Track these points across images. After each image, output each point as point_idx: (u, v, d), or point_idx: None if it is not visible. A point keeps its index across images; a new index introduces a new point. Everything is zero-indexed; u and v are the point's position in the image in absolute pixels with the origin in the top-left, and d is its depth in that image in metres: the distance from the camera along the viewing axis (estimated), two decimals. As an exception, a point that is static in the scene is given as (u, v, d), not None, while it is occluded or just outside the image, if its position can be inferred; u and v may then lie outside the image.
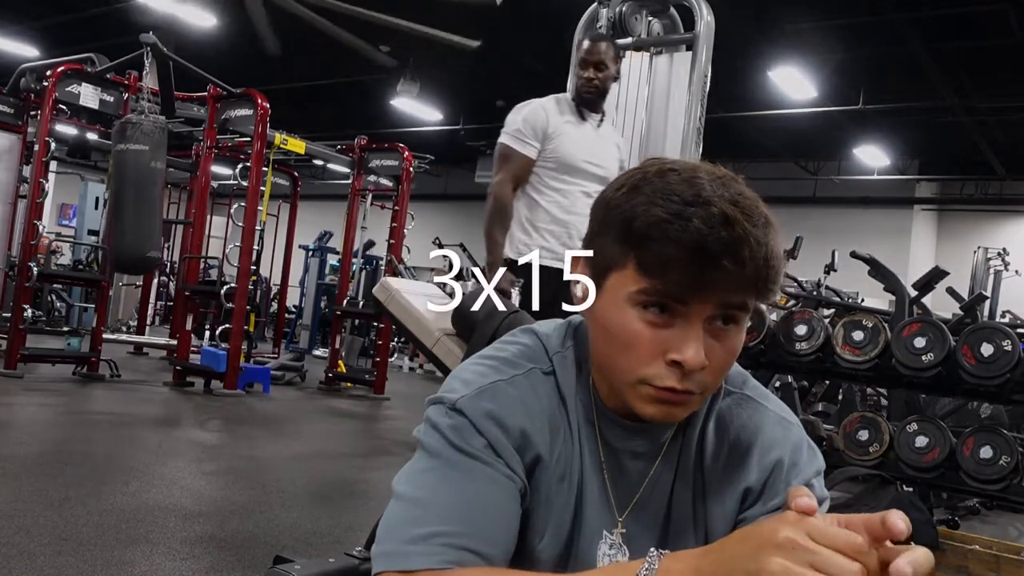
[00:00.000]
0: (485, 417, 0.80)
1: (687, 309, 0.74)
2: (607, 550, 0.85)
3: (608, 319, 0.78)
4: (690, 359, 0.74)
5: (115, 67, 7.43)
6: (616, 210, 0.77)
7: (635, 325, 0.76)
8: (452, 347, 3.82)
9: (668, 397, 0.77)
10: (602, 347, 0.81)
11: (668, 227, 0.72)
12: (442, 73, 11.03)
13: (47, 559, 2.65)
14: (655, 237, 0.72)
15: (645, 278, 0.74)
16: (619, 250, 0.76)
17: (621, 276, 0.76)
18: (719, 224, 0.71)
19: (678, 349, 0.74)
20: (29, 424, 5.21)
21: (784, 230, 0.78)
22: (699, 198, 0.72)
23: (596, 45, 3.10)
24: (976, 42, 9.05)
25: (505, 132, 3.07)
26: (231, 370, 7.05)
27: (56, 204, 15.62)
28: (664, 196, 0.73)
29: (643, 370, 0.76)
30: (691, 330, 0.74)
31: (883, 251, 6.15)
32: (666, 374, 0.75)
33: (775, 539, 0.57)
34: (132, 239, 6.92)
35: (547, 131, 3.02)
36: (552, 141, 3.03)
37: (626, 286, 0.76)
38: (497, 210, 3.06)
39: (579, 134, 3.09)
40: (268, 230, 8.91)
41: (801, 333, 3.60)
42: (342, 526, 3.50)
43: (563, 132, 3.04)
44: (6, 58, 11.50)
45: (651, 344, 0.75)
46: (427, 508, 0.75)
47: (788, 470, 0.84)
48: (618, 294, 0.77)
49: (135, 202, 6.87)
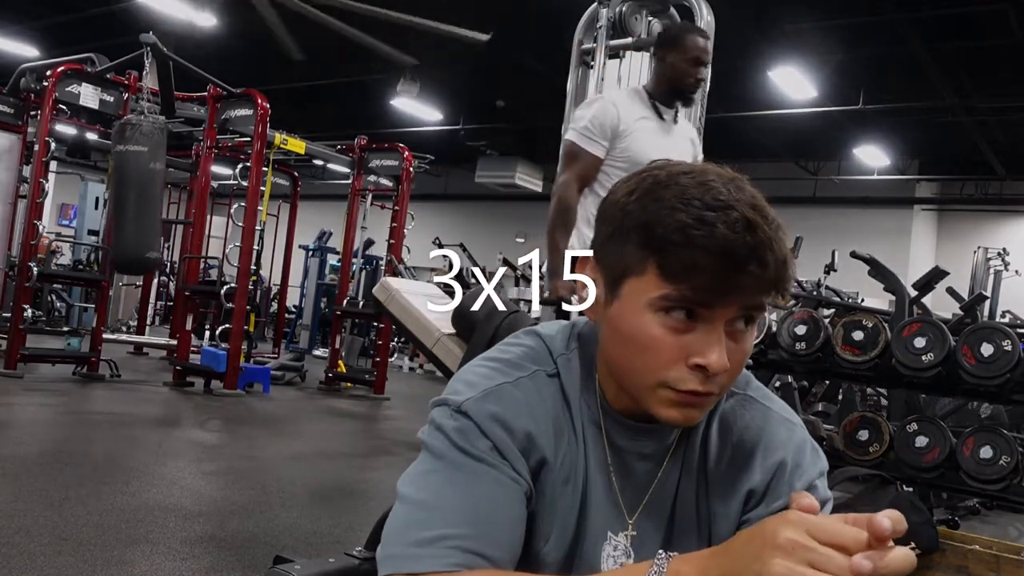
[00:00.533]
0: (490, 420, 0.80)
1: (711, 313, 0.74)
2: (611, 551, 0.86)
3: (626, 324, 0.78)
4: (714, 363, 0.74)
5: (115, 67, 7.44)
6: (632, 216, 0.77)
7: (655, 330, 0.76)
8: (452, 347, 3.82)
9: (690, 400, 0.77)
10: (618, 352, 0.81)
11: (694, 233, 0.72)
12: (442, 73, 11.02)
13: (47, 559, 2.65)
14: (679, 243, 0.72)
15: (668, 284, 0.74)
16: (638, 256, 0.76)
17: (641, 282, 0.76)
18: (743, 229, 0.72)
19: (702, 353, 0.75)
20: (29, 424, 5.21)
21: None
22: (719, 202, 0.73)
23: (707, 43, 2.87)
24: (976, 42, 9.04)
25: (572, 129, 2.85)
26: (231, 370, 7.05)
27: (56, 204, 15.62)
28: (683, 201, 0.73)
29: (664, 374, 0.76)
30: (714, 334, 0.75)
31: (883, 251, 6.14)
32: (688, 377, 0.76)
33: (776, 540, 0.57)
34: (132, 240, 6.93)
35: (618, 129, 2.80)
36: (623, 140, 2.81)
37: (647, 292, 0.75)
38: (560, 212, 2.81)
39: (652, 131, 2.86)
40: (268, 230, 8.91)
41: (801, 333, 3.60)
42: (342, 526, 3.50)
43: (635, 130, 2.82)
44: (6, 58, 11.49)
45: (673, 349, 0.76)
46: (433, 511, 0.75)
47: (791, 471, 0.84)
48: (637, 300, 0.76)
49: (135, 203, 6.88)
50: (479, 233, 16.69)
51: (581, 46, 3.88)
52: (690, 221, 0.72)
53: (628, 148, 2.80)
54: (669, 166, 0.79)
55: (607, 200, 0.82)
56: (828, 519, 0.58)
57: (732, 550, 0.62)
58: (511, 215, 17.60)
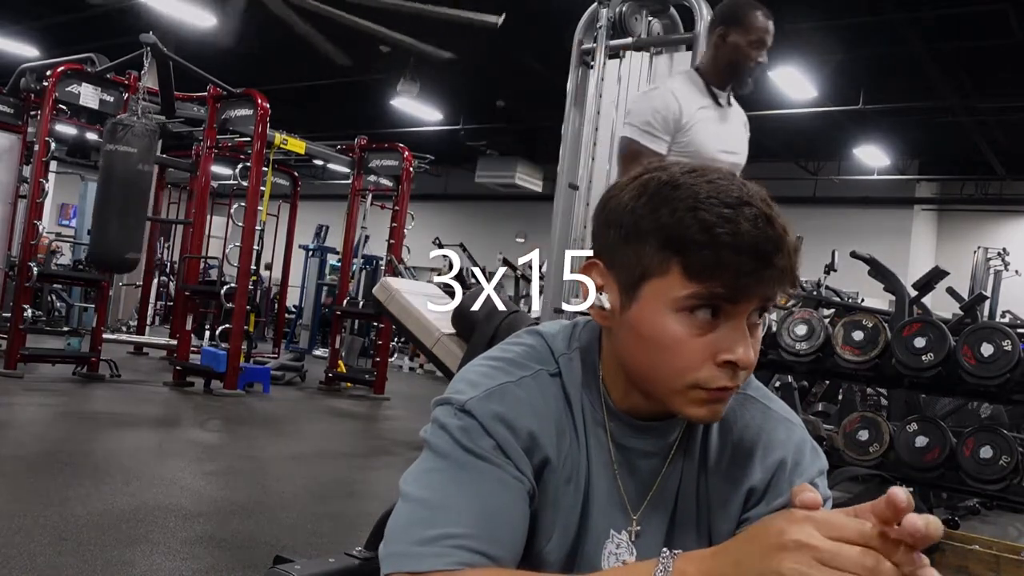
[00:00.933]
0: (494, 419, 0.80)
1: (735, 308, 0.75)
2: (613, 549, 0.86)
3: (648, 327, 0.78)
4: (743, 357, 0.76)
5: (115, 67, 7.44)
6: (646, 219, 0.77)
7: (679, 331, 0.76)
8: (452, 347, 3.82)
9: (720, 397, 0.78)
10: (639, 355, 0.80)
11: (718, 231, 0.72)
12: (442, 73, 11.01)
13: (47, 559, 2.65)
14: (704, 242, 0.73)
15: (695, 283, 0.74)
16: (659, 257, 0.76)
17: (662, 283, 0.76)
18: (764, 224, 0.73)
19: (730, 350, 0.76)
20: (29, 424, 5.21)
21: None
22: (734, 199, 0.74)
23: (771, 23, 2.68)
24: (976, 42, 9.05)
25: (631, 125, 2.63)
26: (231, 370, 7.05)
27: (56, 204, 15.63)
28: (699, 200, 0.74)
29: (694, 375, 0.77)
30: (739, 329, 0.76)
31: (883, 251, 6.14)
32: (719, 375, 0.76)
33: (782, 541, 0.57)
34: (112, 239, 6.92)
35: (680, 122, 2.60)
36: (686, 133, 2.61)
37: (671, 291, 0.75)
38: None
39: (713, 120, 2.69)
40: (268, 230, 8.91)
41: (801, 333, 3.59)
42: (342, 526, 3.50)
43: (697, 121, 2.63)
44: (6, 58, 11.50)
45: (700, 349, 0.76)
46: (437, 509, 0.75)
47: (791, 470, 0.85)
48: (659, 301, 0.77)
49: (119, 203, 6.89)
50: (479, 233, 16.69)
51: (581, 46, 3.88)
52: (712, 219, 0.73)
53: (691, 141, 2.62)
54: (667, 167, 0.79)
55: (609, 204, 0.82)
56: (832, 514, 0.58)
57: (736, 549, 0.62)
58: (511, 215, 17.60)
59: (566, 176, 3.87)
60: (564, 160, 3.91)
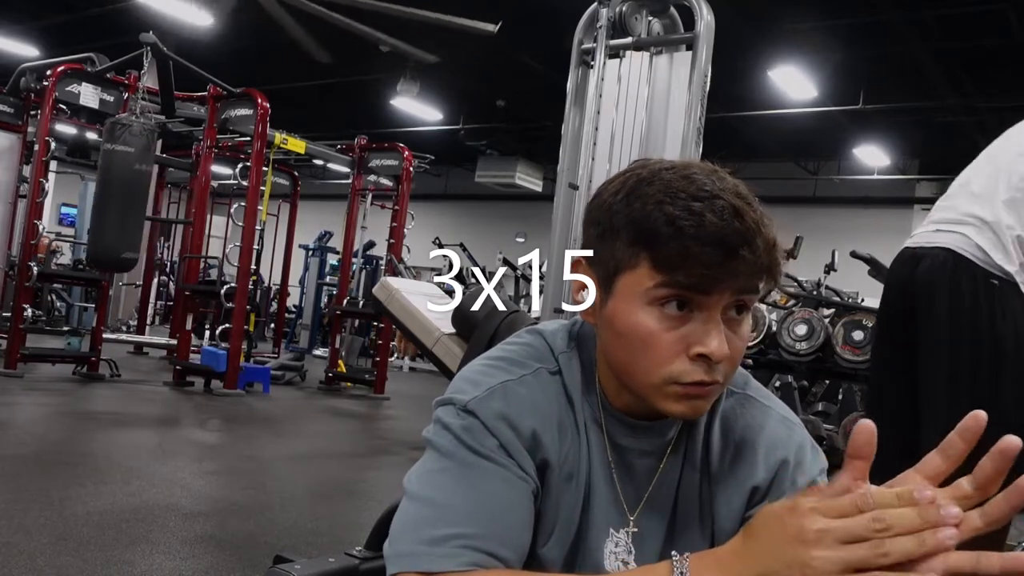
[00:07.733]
0: (497, 418, 0.80)
1: (707, 300, 0.75)
2: (613, 548, 0.86)
3: (622, 321, 0.78)
4: (715, 350, 0.75)
5: (115, 67, 7.44)
6: (620, 214, 0.77)
7: (651, 325, 0.76)
8: (452, 347, 3.82)
9: (697, 392, 0.77)
10: (618, 351, 0.81)
11: (683, 223, 0.72)
12: (442, 73, 11.02)
13: (47, 559, 2.65)
14: (670, 234, 0.73)
15: (661, 273, 0.74)
16: (630, 251, 0.76)
17: (634, 276, 0.76)
18: (731, 216, 0.73)
19: (702, 342, 0.75)
20: (29, 424, 5.21)
21: (784, 230, 0.79)
22: (704, 192, 0.74)
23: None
24: (976, 42, 9.05)
25: None
26: (231, 370, 7.05)
27: (56, 204, 15.62)
28: (669, 194, 0.74)
29: (667, 369, 0.76)
30: (711, 322, 0.75)
31: (883, 251, 6.12)
32: (692, 369, 0.76)
33: (804, 535, 0.58)
34: (110, 238, 6.92)
35: None
36: None
37: (640, 284, 0.76)
38: None
39: None
40: (268, 230, 8.91)
41: (801, 333, 3.60)
42: (342, 526, 3.50)
43: None
44: (6, 58, 11.50)
45: (672, 342, 0.76)
46: (443, 509, 0.75)
47: (793, 469, 0.85)
48: (631, 294, 0.77)
49: (116, 202, 6.89)
50: (479, 233, 16.69)
51: (581, 46, 3.88)
52: (678, 212, 0.73)
53: None
54: (651, 164, 0.80)
55: (593, 203, 0.83)
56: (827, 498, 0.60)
57: (757, 550, 0.62)
58: (511, 215, 17.61)
59: (566, 176, 3.88)
60: (564, 160, 3.91)
